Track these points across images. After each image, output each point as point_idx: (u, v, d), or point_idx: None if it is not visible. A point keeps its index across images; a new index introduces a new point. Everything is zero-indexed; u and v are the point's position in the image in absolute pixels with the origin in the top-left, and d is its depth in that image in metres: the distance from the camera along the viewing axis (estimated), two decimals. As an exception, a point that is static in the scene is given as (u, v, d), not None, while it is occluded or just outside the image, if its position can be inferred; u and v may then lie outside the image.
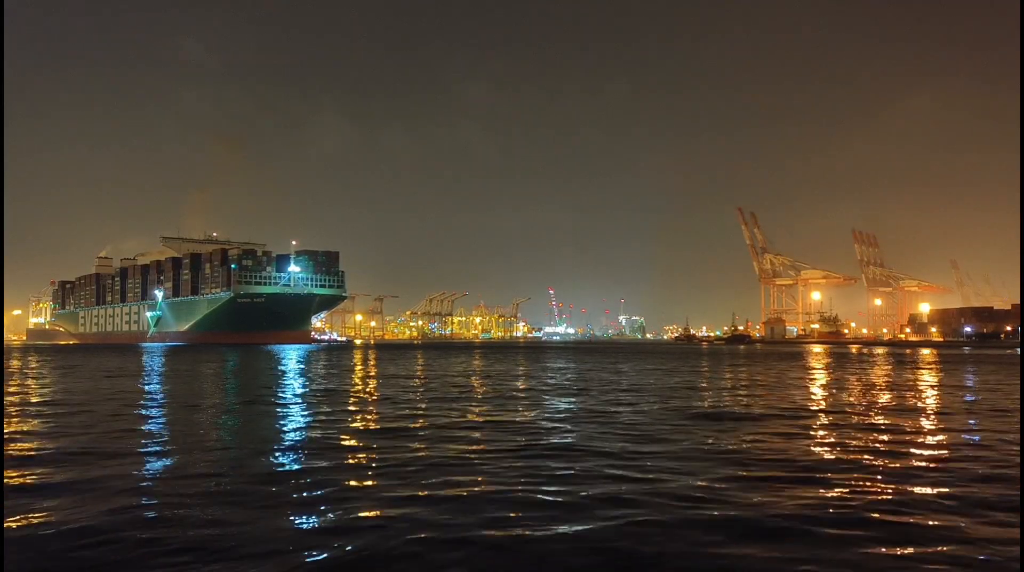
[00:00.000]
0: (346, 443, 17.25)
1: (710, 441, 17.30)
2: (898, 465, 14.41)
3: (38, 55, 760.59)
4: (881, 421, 21.79)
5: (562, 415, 23.14)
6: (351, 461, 14.94)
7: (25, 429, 19.51)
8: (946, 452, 16.01)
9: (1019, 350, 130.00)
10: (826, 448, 16.57)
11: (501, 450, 15.95)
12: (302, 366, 58.58)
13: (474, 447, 16.34)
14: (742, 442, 17.18)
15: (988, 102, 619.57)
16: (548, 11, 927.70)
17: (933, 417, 23.13)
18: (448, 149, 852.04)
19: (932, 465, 14.41)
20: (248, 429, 20.35)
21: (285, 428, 20.29)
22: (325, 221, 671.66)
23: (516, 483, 12.46)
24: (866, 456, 15.50)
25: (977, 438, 18.18)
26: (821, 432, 19.37)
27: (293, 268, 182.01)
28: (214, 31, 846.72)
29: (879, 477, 13.28)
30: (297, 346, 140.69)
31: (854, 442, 17.34)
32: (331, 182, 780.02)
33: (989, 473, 13.60)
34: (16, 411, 23.89)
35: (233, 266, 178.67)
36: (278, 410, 24.81)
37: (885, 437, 18.21)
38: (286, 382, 38.97)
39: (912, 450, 16.28)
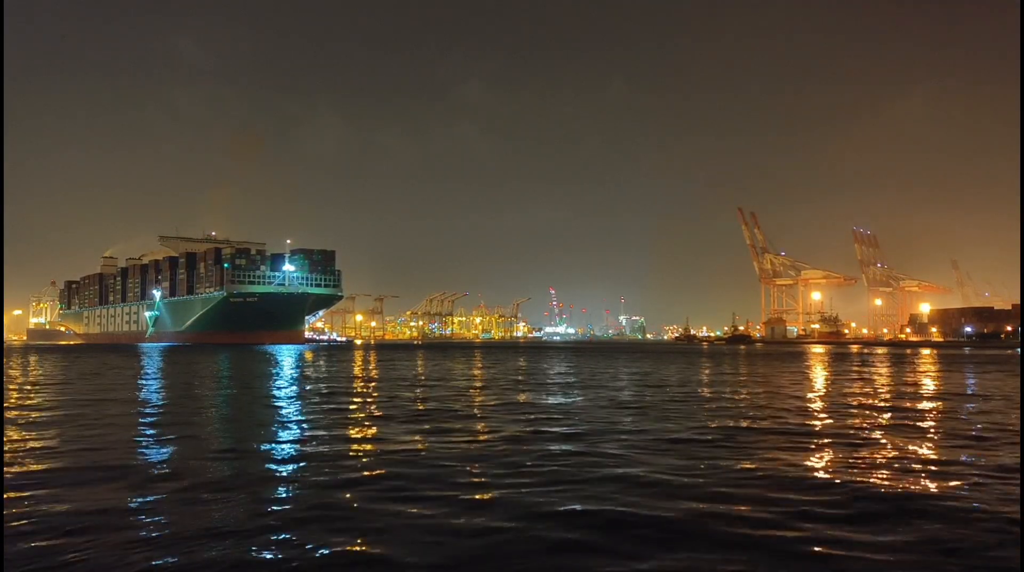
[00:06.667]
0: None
1: None
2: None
3: (38, 57, 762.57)
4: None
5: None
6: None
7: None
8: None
9: (1019, 350, 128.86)
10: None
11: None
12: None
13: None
14: None
15: (990, 102, 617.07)
16: (545, 12, 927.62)
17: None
18: (447, 150, 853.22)
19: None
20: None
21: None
22: (325, 222, 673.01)
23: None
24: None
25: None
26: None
27: (288, 267, 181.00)
28: (210, 33, 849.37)
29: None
30: (290, 346, 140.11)
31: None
32: (330, 183, 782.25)
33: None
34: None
35: (226, 265, 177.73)
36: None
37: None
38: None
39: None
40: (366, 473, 14.03)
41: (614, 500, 11.67)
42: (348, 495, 12.14)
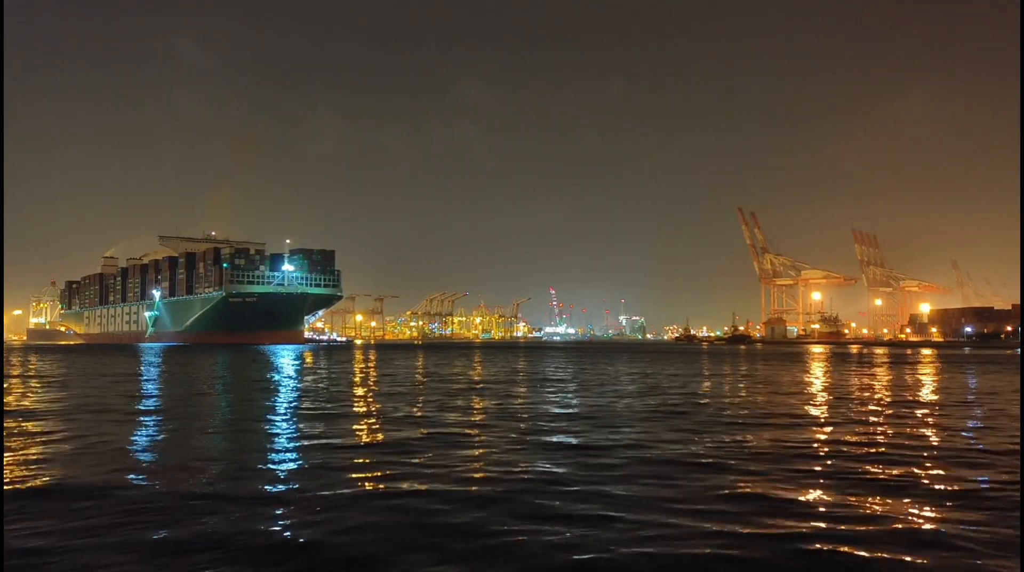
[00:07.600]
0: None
1: None
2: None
3: (38, 57, 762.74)
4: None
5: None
6: None
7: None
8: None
9: (1019, 350, 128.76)
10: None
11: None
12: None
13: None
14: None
15: (990, 102, 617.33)
16: (545, 12, 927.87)
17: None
18: (447, 150, 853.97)
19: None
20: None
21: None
22: (325, 222, 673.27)
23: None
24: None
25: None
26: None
27: (287, 267, 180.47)
28: (210, 33, 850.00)
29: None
30: (290, 347, 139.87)
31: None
32: (330, 183, 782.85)
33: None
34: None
35: (225, 265, 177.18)
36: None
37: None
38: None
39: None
40: (366, 481, 13.88)
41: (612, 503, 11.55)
42: (350, 497, 11.99)
